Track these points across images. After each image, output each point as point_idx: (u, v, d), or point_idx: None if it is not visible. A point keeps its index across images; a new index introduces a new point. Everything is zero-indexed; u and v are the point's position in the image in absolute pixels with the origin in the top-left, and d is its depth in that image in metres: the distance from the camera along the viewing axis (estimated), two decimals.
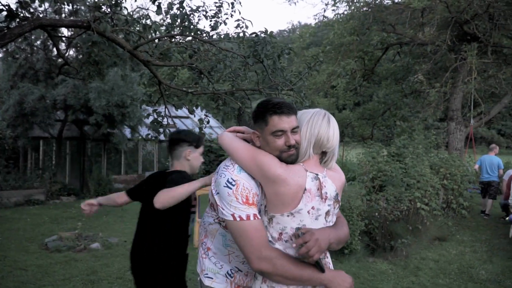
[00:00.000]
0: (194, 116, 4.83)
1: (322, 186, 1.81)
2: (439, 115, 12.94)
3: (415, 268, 5.97)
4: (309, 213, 1.79)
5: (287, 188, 1.75)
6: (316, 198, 1.80)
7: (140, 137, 4.35)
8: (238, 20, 4.50)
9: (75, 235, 6.84)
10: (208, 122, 4.59)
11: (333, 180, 1.89)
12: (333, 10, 23.91)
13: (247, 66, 3.95)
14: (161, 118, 4.42)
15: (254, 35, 3.81)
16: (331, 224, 1.91)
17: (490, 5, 9.82)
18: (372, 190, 7.33)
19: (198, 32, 4.24)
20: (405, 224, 6.82)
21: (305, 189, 1.77)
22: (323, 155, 1.91)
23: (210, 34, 4.32)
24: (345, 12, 13.63)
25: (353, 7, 13.20)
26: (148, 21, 4.05)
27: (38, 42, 7.82)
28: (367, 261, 6.13)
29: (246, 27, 4.48)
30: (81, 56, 4.02)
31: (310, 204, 1.78)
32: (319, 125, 1.87)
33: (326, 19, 16.18)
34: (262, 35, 3.74)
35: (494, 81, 11.11)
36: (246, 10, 15.71)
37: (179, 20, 4.16)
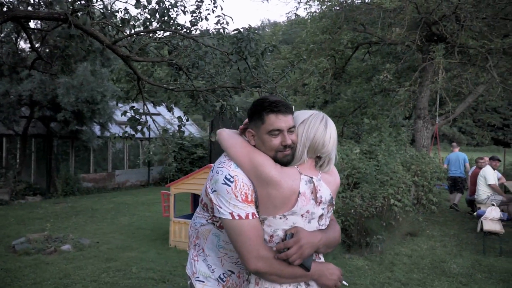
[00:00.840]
0: (173, 114, 4.72)
1: (316, 190, 1.77)
2: (407, 113, 13.26)
3: (390, 263, 6.09)
4: (302, 216, 1.76)
5: (280, 191, 1.71)
6: (311, 201, 1.76)
7: (116, 135, 4.21)
8: (218, 16, 4.43)
9: (44, 237, 6.57)
10: (187, 120, 4.50)
11: (327, 184, 1.85)
12: (305, 8, 24.07)
13: (230, 63, 3.89)
14: (138, 115, 4.28)
15: (237, 31, 3.75)
16: (323, 227, 1.87)
17: (457, 7, 10.12)
18: (347, 188, 7.42)
19: (179, 27, 4.13)
20: (379, 221, 6.95)
21: (299, 193, 1.72)
22: (317, 159, 1.85)
23: (190, 30, 4.23)
24: (318, 11, 13.75)
25: (324, 6, 13.33)
26: (127, 15, 3.91)
27: (2, 35, 7.45)
28: (343, 258, 6.20)
29: (227, 23, 4.42)
30: (55, 50, 3.82)
31: (304, 207, 1.75)
32: (316, 128, 1.81)
33: (298, 17, 16.30)
34: (245, 32, 3.69)
35: (460, 81, 11.48)
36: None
37: (158, 15, 4.04)
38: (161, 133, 4.35)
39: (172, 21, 4.20)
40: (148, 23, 4.27)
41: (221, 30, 4.45)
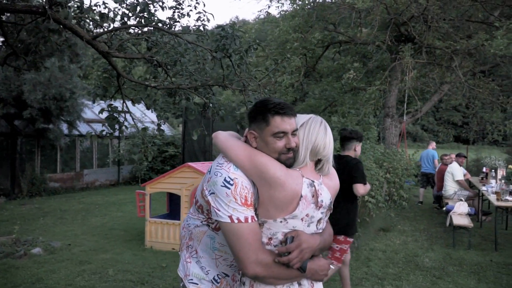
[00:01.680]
0: (152, 112, 4.61)
1: (318, 194, 1.77)
2: (377, 112, 13.58)
3: (366, 259, 6.22)
4: (302, 220, 1.76)
5: (283, 194, 1.69)
6: (311, 205, 1.76)
7: (92, 133, 4.07)
8: (199, 13, 4.36)
9: (12, 240, 6.29)
10: (167, 118, 4.41)
11: (328, 188, 1.85)
12: (277, 7, 24.15)
13: (214, 60, 3.83)
14: (117, 113, 4.16)
15: (220, 28, 3.70)
16: (320, 231, 1.88)
17: (426, 8, 10.43)
18: None
19: (160, 23, 4.04)
20: None
21: (301, 196, 1.72)
22: (317, 162, 1.86)
23: (171, 26, 4.14)
24: (289, 10, 13.82)
25: (295, 5, 13.43)
26: (106, 10, 3.78)
27: None
28: (321, 254, 6.27)
29: (208, 20, 4.37)
30: (29, 45, 3.65)
31: (305, 211, 1.74)
32: (316, 132, 1.83)
33: (269, 16, 16.34)
34: (229, 29, 3.65)
35: (428, 80, 11.85)
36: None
37: (138, 9, 3.93)
38: (140, 131, 4.24)
39: (152, 16, 4.11)
40: (126, 18, 4.16)
41: (201, 28, 4.39)
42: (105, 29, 3.63)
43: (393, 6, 11.22)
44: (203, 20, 4.38)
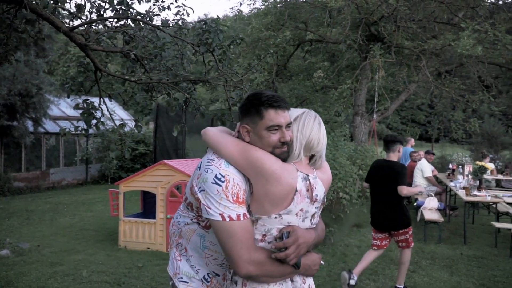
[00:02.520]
0: (128, 108, 4.47)
1: (312, 188, 1.75)
2: (348, 110, 13.80)
3: (342, 254, 6.30)
4: (297, 215, 1.73)
5: (279, 188, 1.65)
6: (306, 199, 1.73)
7: (67, 130, 3.89)
8: (178, 7, 4.27)
9: None
10: (147, 114, 4.29)
11: (322, 182, 1.83)
12: (249, 4, 24.09)
13: (195, 55, 3.76)
14: (94, 110, 4.02)
15: (202, 22, 3.63)
16: (314, 226, 1.85)
17: (395, 9, 10.67)
18: None
19: (139, 16, 3.92)
20: (329, 214, 7.18)
21: (296, 190, 1.69)
22: (311, 157, 1.84)
23: (151, 18, 4.03)
24: (261, 8, 13.82)
25: (267, 3, 13.44)
26: (83, 1, 3.63)
27: None
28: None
29: (188, 14, 4.28)
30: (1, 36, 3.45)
31: (299, 205, 1.71)
32: (311, 127, 1.80)
33: (240, 13, 16.27)
34: (212, 23, 3.58)
35: (397, 79, 12.14)
36: None
37: (116, 1, 3.80)
38: (117, 127, 4.11)
39: (130, 9, 3.99)
40: (102, 11, 4.01)
41: (180, 22, 4.30)
42: (82, 21, 3.48)
43: (364, 6, 11.42)
44: (182, 14, 4.29)
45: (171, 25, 4.32)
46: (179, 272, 1.93)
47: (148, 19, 4.26)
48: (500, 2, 12.35)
